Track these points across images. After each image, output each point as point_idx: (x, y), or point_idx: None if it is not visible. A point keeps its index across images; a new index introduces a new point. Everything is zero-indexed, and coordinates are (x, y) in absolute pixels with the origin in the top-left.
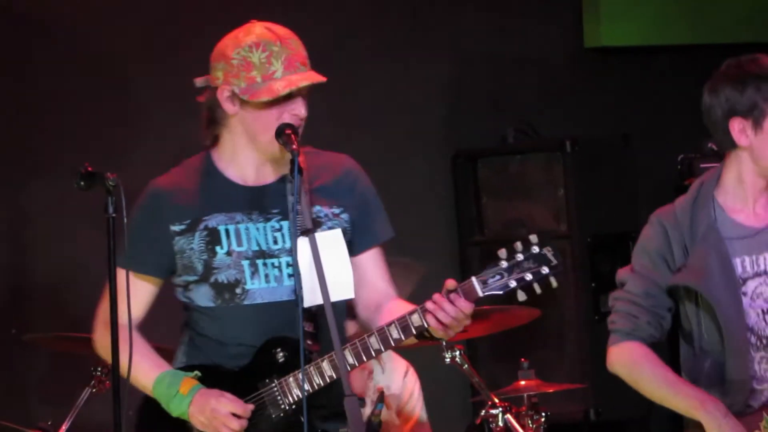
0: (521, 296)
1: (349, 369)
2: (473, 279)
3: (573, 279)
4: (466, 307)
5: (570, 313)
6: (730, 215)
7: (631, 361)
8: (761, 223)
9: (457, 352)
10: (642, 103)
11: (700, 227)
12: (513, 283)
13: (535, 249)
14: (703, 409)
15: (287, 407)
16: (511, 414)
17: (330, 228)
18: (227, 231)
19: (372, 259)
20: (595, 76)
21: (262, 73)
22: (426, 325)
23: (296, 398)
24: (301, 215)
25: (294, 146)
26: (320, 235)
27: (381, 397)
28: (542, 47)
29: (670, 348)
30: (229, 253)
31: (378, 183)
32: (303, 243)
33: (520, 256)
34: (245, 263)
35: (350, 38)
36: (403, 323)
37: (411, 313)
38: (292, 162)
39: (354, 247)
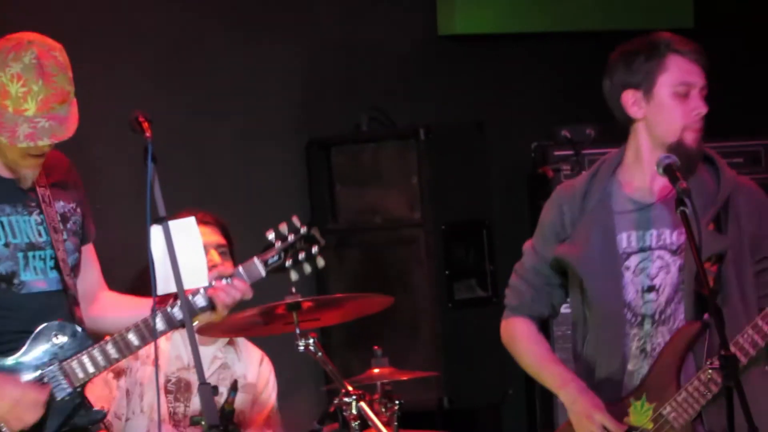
0: (294, 275)
1: (134, 350)
2: (255, 259)
3: (427, 267)
4: (246, 291)
5: (424, 301)
6: (625, 190)
7: (511, 336)
8: (654, 198)
9: (311, 340)
10: (496, 91)
11: (591, 201)
12: (288, 263)
13: (303, 230)
14: (563, 387)
15: (71, 389)
16: (365, 402)
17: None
18: (1, 223)
19: (88, 252)
20: (449, 63)
21: (15, 107)
22: (208, 306)
23: (80, 380)
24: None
25: (147, 134)
26: (174, 223)
27: (235, 386)
28: (396, 35)
29: None
30: (6, 245)
31: (231, 171)
32: (156, 231)
33: (292, 237)
34: (20, 255)
35: (203, 23)
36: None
37: (194, 294)
38: (146, 150)
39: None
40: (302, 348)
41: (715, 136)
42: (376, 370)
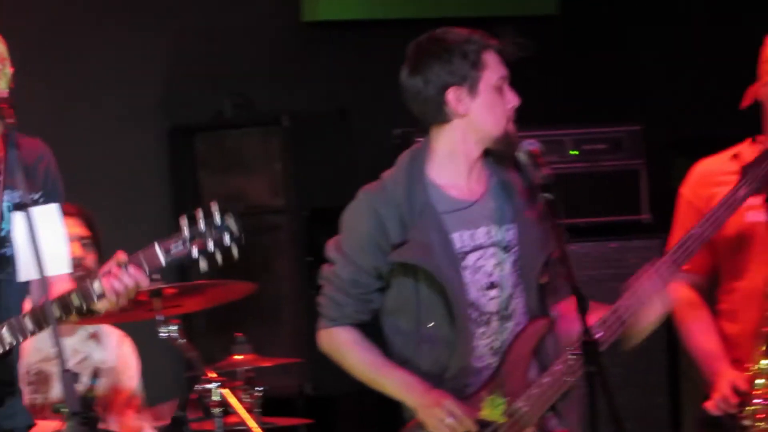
0: (203, 265)
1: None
2: (156, 246)
3: (290, 253)
4: (140, 279)
5: (287, 288)
6: (444, 190)
7: (338, 347)
8: (474, 196)
9: (173, 327)
10: (360, 78)
11: (417, 203)
12: (195, 252)
13: (217, 218)
14: (407, 390)
15: None
16: (227, 388)
17: None
18: None
19: None
20: (313, 50)
21: None
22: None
23: None
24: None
25: (10, 120)
26: (36, 210)
27: (96, 373)
28: (260, 21)
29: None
30: None
31: (94, 158)
32: (19, 217)
33: (202, 225)
34: None
35: (66, 10)
36: (85, 291)
37: (93, 280)
38: (6, 136)
39: None
40: (164, 335)
41: (577, 122)
42: (239, 357)
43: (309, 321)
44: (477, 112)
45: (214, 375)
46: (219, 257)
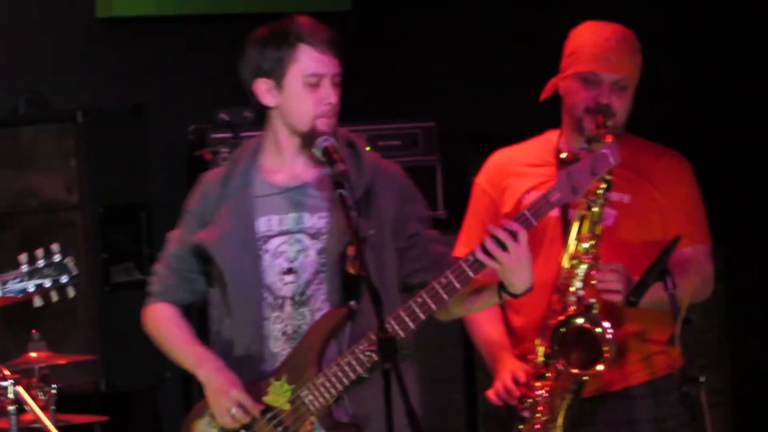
0: (37, 302)
1: None
2: None
3: (84, 250)
4: None
5: (81, 285)
6: (265, 175)
7: (153, 322)
8: (294, 182)
9: None
10: (155, 74)
11: (231, 186)
12: (31, 288)
13: (57, 257)
14: (200, 366)
15: None
16: (21, 386)
17: None
18: None
19: None
20: (108, 46)
21: None
22: None
23: None
24: None
25: None
26: None
27: None
28: (53, 16)
29: None
30: None
31: None
32: None
33: (41, 263)
34: None
35: None
36: None
37: None
38: None
39: None
40: None
41: (373, 118)
42: (33, 354)
43: (103, 317)
44: (284, 105)
45: (8, 373)
46: (54, 294)
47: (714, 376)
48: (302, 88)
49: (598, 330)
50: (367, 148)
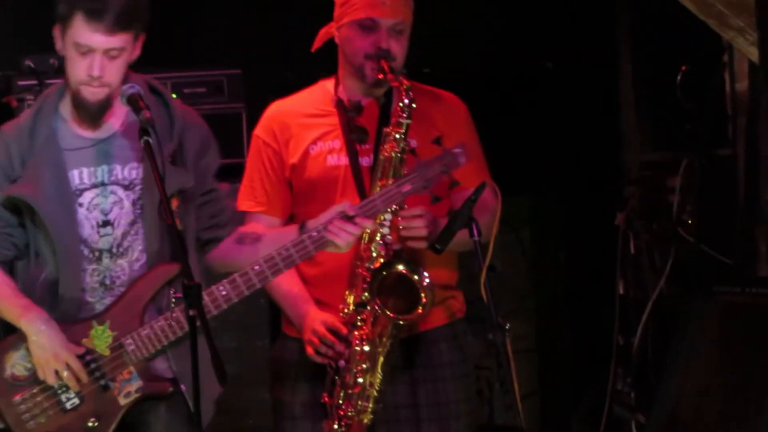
0: None
1: None
2: None
3: None
4: None
5: None
6: (72, 127)
7: None
8: (102, 134)
9: None
10: None
11: (38, 138)
12: None
13: None
14: (24, 317)
15: None
16: None
17: None
18: None
19: None
20: None
21: None
22: None
23: None
24: None
25: None
26: None
27: None
28: None
29: None
30: None
31: None
32: None
33: None
34: None
35: None
36: None
37: None
38: None
39: None
40: None
41: (178, 65)
42: None
43: None
44: (65, 60)
45: None
46: None
47: (519, 322)
48: (74, 53)
49: (416, 277)
50: (174, 96)
